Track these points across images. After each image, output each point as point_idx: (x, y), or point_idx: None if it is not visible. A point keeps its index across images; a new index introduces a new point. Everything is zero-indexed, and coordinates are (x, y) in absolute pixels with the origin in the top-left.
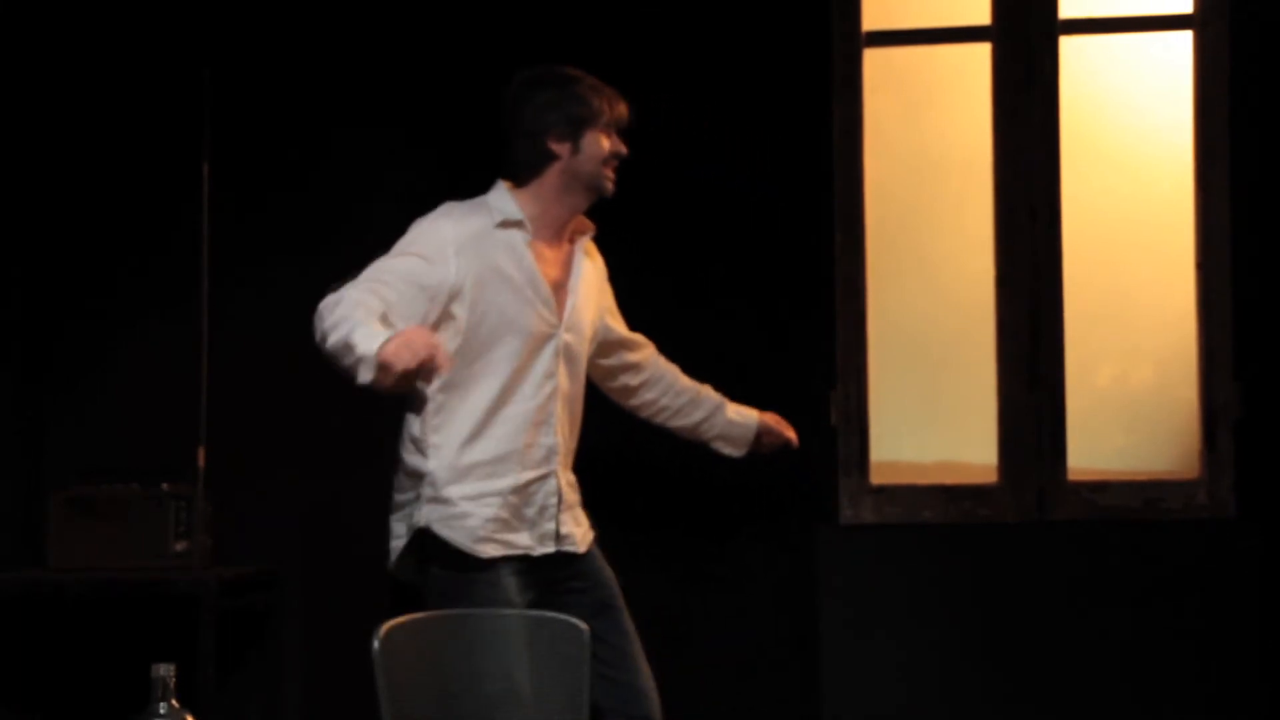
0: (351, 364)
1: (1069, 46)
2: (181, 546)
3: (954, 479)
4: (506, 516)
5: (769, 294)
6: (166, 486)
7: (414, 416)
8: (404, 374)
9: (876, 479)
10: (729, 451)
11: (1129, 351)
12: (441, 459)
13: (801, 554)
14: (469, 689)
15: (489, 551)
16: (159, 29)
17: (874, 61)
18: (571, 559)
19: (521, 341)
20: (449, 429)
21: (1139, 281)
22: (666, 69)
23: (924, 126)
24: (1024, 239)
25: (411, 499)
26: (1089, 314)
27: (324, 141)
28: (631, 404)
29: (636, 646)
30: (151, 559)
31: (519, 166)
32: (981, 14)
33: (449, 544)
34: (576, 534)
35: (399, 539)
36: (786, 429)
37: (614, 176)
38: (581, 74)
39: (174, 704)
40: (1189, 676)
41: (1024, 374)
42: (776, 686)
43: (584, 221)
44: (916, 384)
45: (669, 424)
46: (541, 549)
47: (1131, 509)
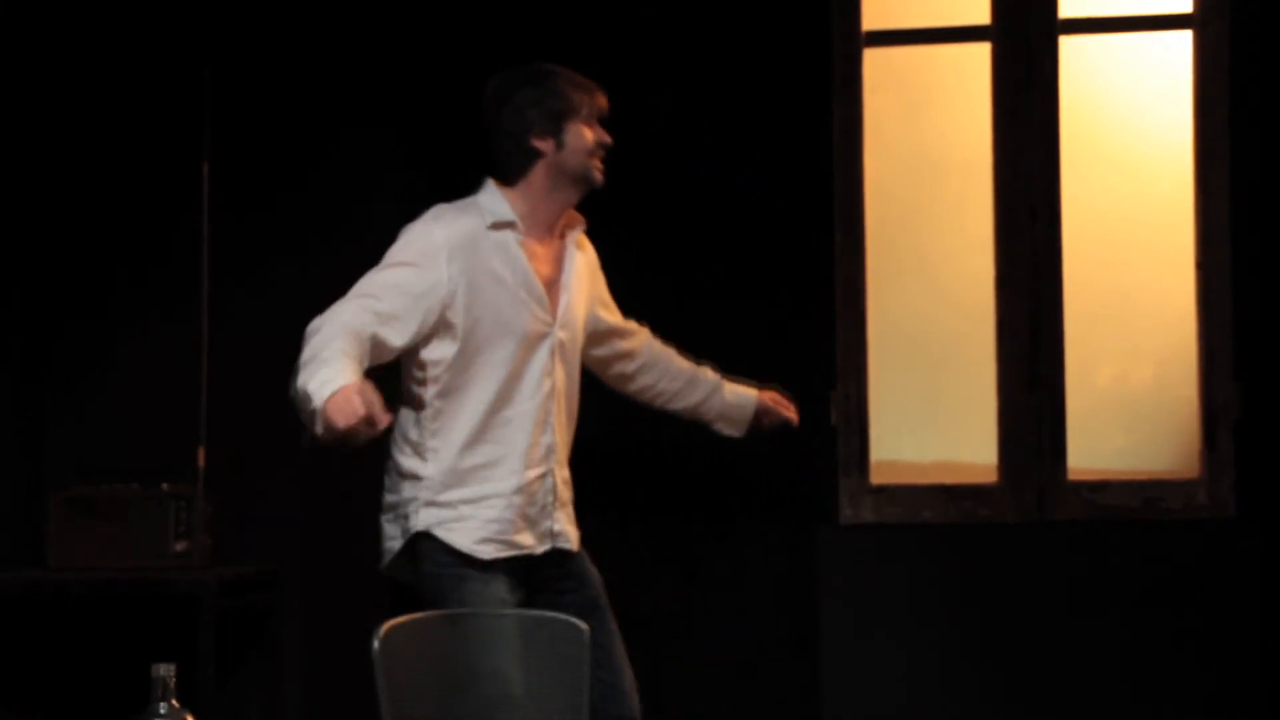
0: (308, 416)
1: (1069, 46)
2: (181, 546)
3: (954, 479)
4: (511, 517)
5: (769, 294)
6: (166, 486)
7: (410, 420)
8: (345, 432)
9: (876, 479)
10: (730, 432)
11: (1129, 351)
12: (440, 463)
13: (801, 554)
14: (469, 689)
15: (489, 553)
16: (159, 29)
17: (874, 61)
18: (563, 558)
19: (517, 343)
20: (447, 433)
21: (1139, 281)
22: (666, 69)
23: (924, 126)
24: (1024, 239)
25: (406, 501)
26: (1089, 314)
27: (324, 142)
28: (629, 389)
29: (620, 647)
30: (151, 559)
31: (505, 166)
32: (981, 14)
33: (447, 546)
34: (569, 531)
35: (393, 540)
36: (786, 408)
37: (602, 166)
38: (558, 68)
39: (174, 704)
40: (1189, 676)
41: (1024, 374)
42: (776, 686)
43: (574, 215)
44: (916, 384)
45: (667, 407)
46: (541, 547)
47: (1131, 509)
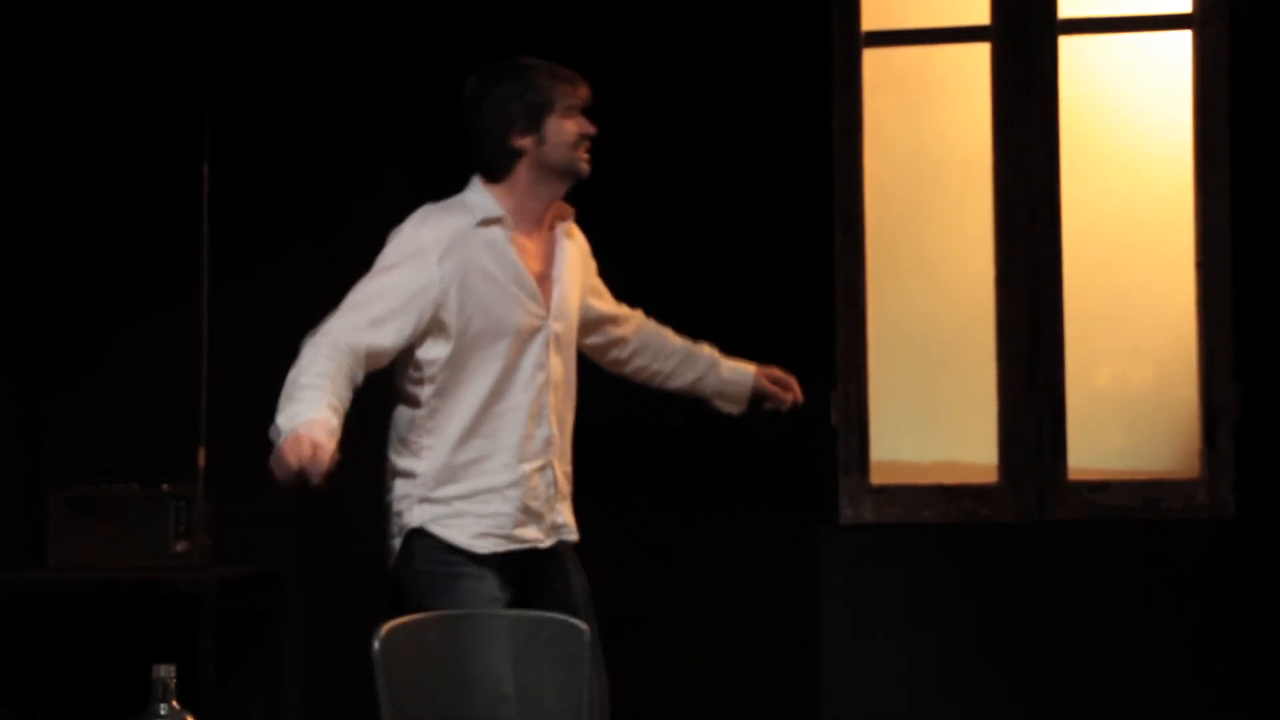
0: (275, 451)
1: (1068, 46)
2: (182, 547)
3: (954, 479)
4: (509, 511)
5: (769, 294)
6: (167, 487)
7: (404, 418)
8: (296, 472)
9: (876, 479)
10: (730, 409)
11: (1129, 351)
12: (433, 460)
13: (801, 554)
14: (469, 690)
15: (487, 548)
16: (159, 29)
17: (874, 62)
18: (555, 558)
19: (511, 339)
20: (441, 430)
21: (1139, 281)
22: (666, 69)
23: (924, 126)
24: (1024, 239)
25: (401, 498)
26: (1089, 314)
27: (324, 141)
28: (623, 372)
29: (599, 651)
30: (151, 559)
31: (490, 164)
32: (981, 14)
33: (443, 541)
34: (572, 523)
35: (393, 539)
36: (783, 391)
37: (588, 157)
38: (535, 61)
39: (174, 705)
40: (1189, 676)
41: (1024, 374)
42: (776, 686)
43: (563, 206)
44: (916, 384)
45: (665, 386)
46: (548, 540)
47: (1131, 509)
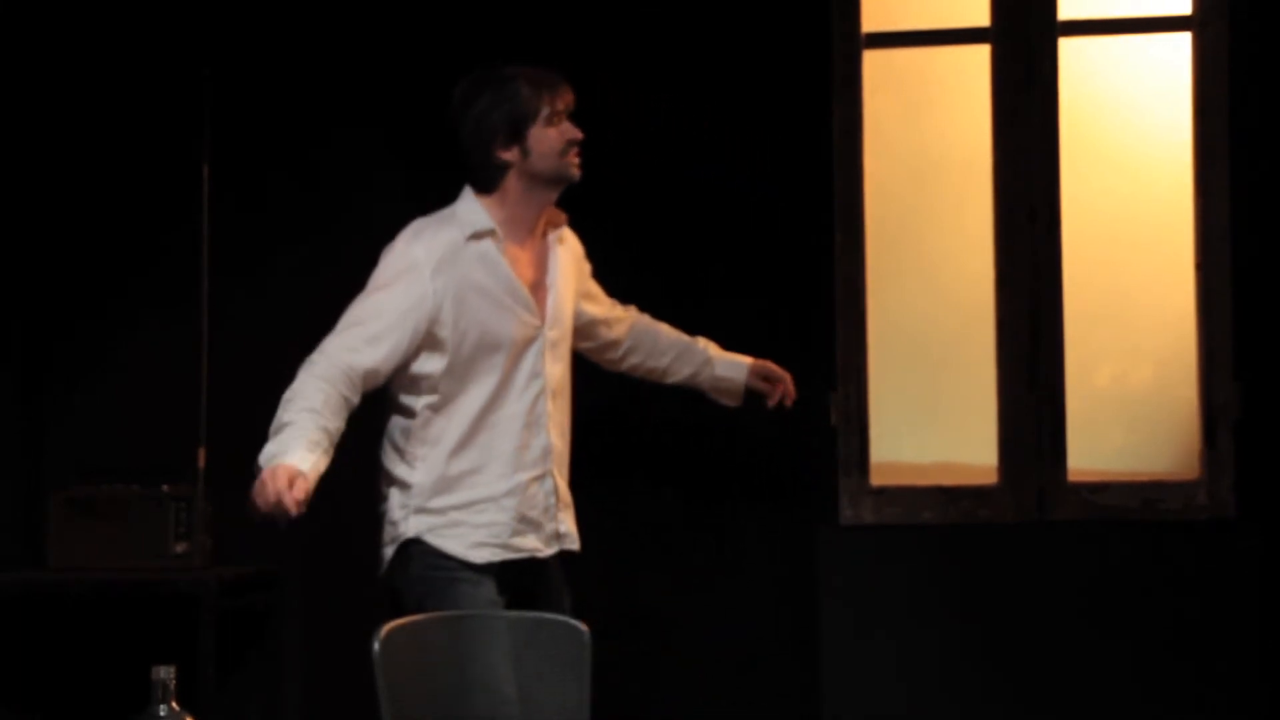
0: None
1: (1068, 47)
2: (182, 547)
3: (954, 479)
4: (506, 520)
5: (769, 294)
6: (167, 487)
7: (399, 426)
8: (265, 511)
9: (876, 480)
10: (728, 402)
11: (1129, 352)
12: (428, 470)
13: (802, 554)
14: (469, 691)
15: (484, 557)
16: (159, 29)
17: (874, 62)
18: (547, 571)
19: (506, 350)
20: (436, 440)
21: (1139, 282)
22: (666, 69)
23: (924, 127)
24: (1024, 239)
25: (396, 508)
26: (1089, 314)
27: (324, 141)
28: (619, 370)
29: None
30: (151, 559)
31: (478, 177)
32: (981, 16)
33: (439, 550)
34: (574, 533)
35: (386, 547)
36: (776, 384)
37: (578, 161)
38: (514, 70)
39: (174, 706)
40: (1189, 676)
41: (1024, 374)
42: (776, 686)
43: (556, 213)
44: (916, 384)
45: (661, 381)
46: (549, 550)
47: (1131, 509)
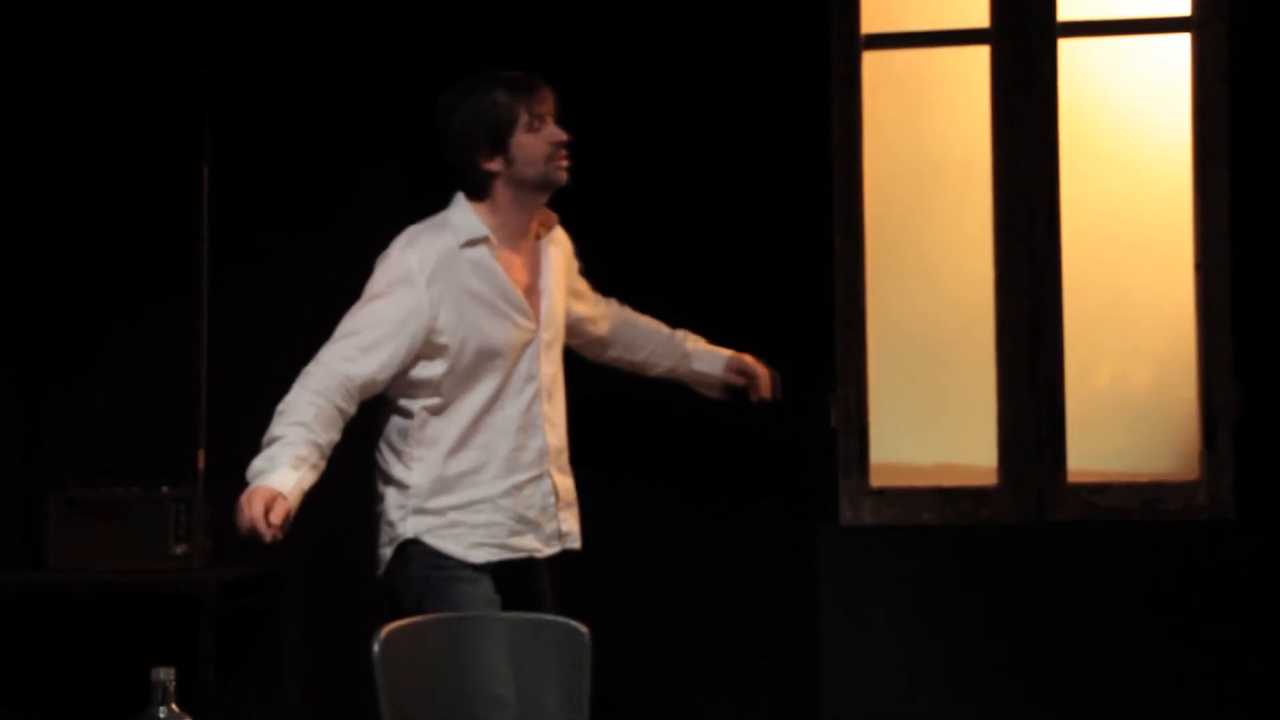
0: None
1: (1068, 48)
2: (181, 549)
3: (954, 480)
4: (503, 520)
5: (769, 295)
6: (166, 489)
7: (396, 428)
8: (246, 530)
9: (876, 481)
10: (711, 394)
11: (1128, 352)
12: (426, 471)
13: (802, 555)
14: (468, 692)
15: (482, 557)
16: (159, 29)
17: (873, 63)
18: (538, 573)
19: (503, 355)
20: (434, 441)
21: (1138, 282)
22: (666, 69)
23: (923, 128)
24: (1023, 240)
25: (393, 509)
26: (1088, 315)
27: (324, 141)
28: (600, 361)
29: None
30: (151, 561)
31: (468, 185)
32: (980, 17)
33: (438, 551)
34: (576, 531)
35: (384, 547)
36: (755, 379)
37: (565, 164)
38: (493, 77)
39: (174, 707)
40: (1189, 677)
41: (1023, 375)
42: (776, 686)
43: (547, 214)
44: (916, 385)
45: (642, 374)
46: (548, 549)
47: (1131, 510)
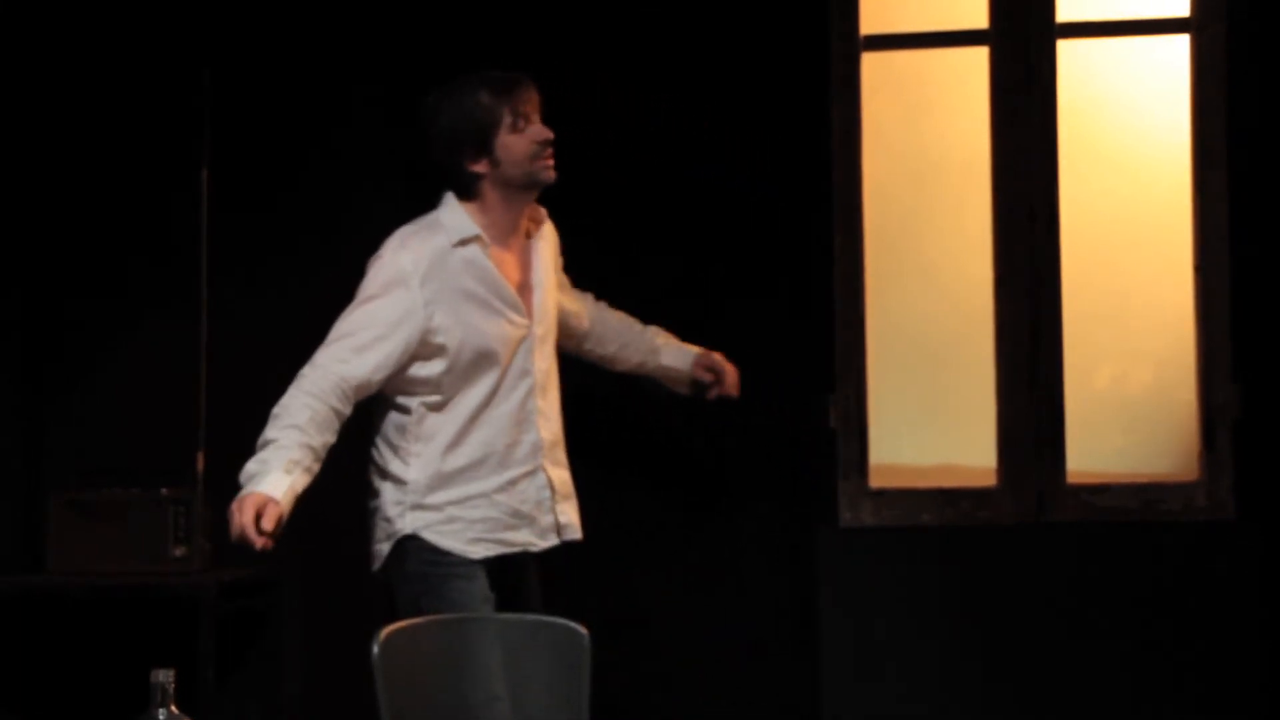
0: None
1: (1067, 49)
2: (180, 551)
3: (953, 481)
4: (498, 515)
5: (768, 295)
6: (166, 491)
7: (393, 423)
8: (237, 537)
9: (876, 482)
10: (680, 390)
11: (1128, 353)
12: (424, 467)
13: (801, 556)
14: (468, 693)
15: (480, 553)
16: (159, 29)
17: (873, 64)
18: (529, 566)
19: (501, 352)
20: (430, 437)
21: (1137, 283)
22: (666, 69)
23: (923, 129)
24: (1023, 241)
25: (391, 504)
26: (1088, 315)
27: (324, 142)
28: (571, 354)
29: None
30: (150, 563)
31: (455, 187)
32: (979, 18)
33: (436, 546)
34: (575, 522)
35: (380, 543)
36: (711, 378)
37: (550, 163)
38: (475, 79)
39: (173, 709)
40: (1189, 678)
41: (1023, 376)
42: (776, 687)
43: (536, 210)
44: (916, 386)
45: (611, 369)
46: (544, 543)
47: (1130, 511)
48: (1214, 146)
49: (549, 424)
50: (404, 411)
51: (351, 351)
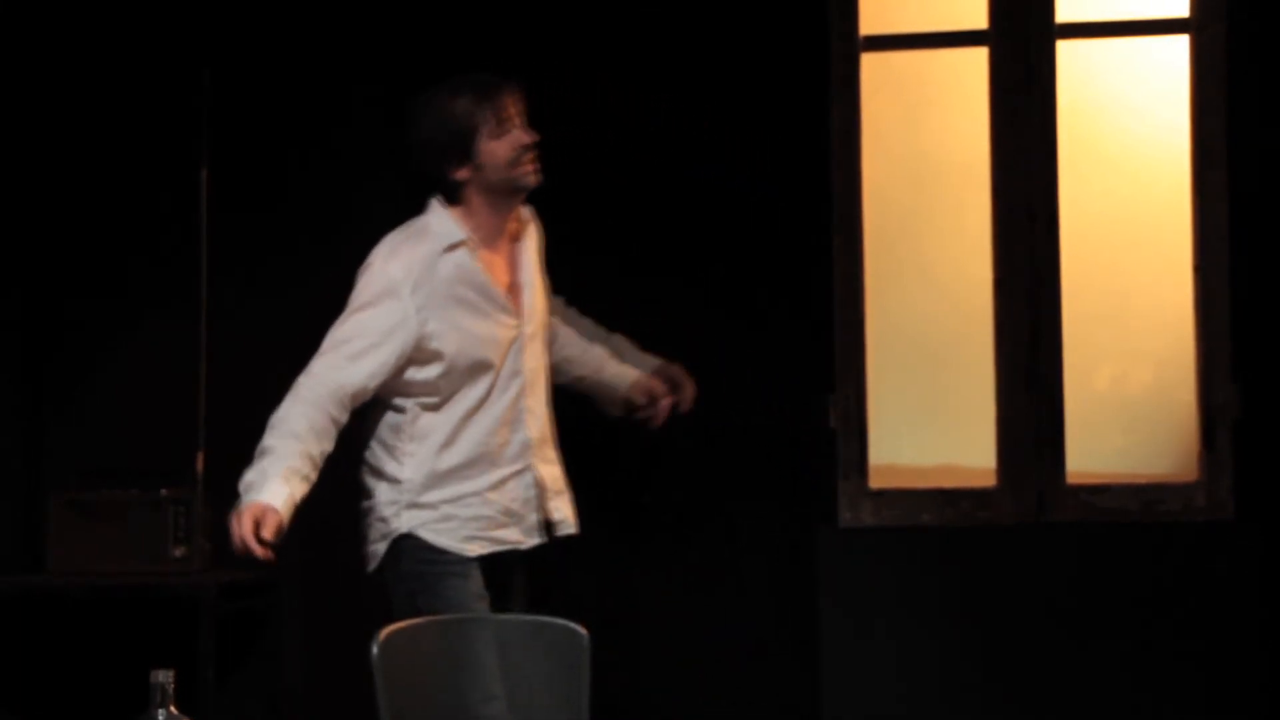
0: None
1: (1066, 50)
2: (180, 551)
3: (953, 482)
4: (491, 514)
5: (767, 296)
6: (165, 491)
7: (387, 424)
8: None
9: (875, 482)
10: (609, 411)
11: (1127, 353)
12: (418, 466)
13: (801, 557)
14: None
15: (476, 550)
16: (159, 29)
17: (872, 65)
18: (516, 565)
19: (494, 355)
20: (424, 436)
21: (1137, 283)
22: (666, 70)
23: (922, 129)
24: (1022, 241)
25: (386, 504)
26: (1087, 316)
27: (323, 142)
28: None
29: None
30: (150, 563)
31: (443, 192)
32: (979, 18)
33: (432, 545)
34: (569, 517)
35: (376, 543)
36: (659, 403)
37: (533, 167)
38: (456, 84)
39: (173, 710)
40: (1189, 678)
41: (1023, 376)
42: (776, 687)
43: (522, 212)
44: (915, 387)
45: (563, 372)
46: (531, 541)
47: (1130, 511)
48: (1214, 147)
49: (538, 422)
50: (398, 411)
51: (346, 359)
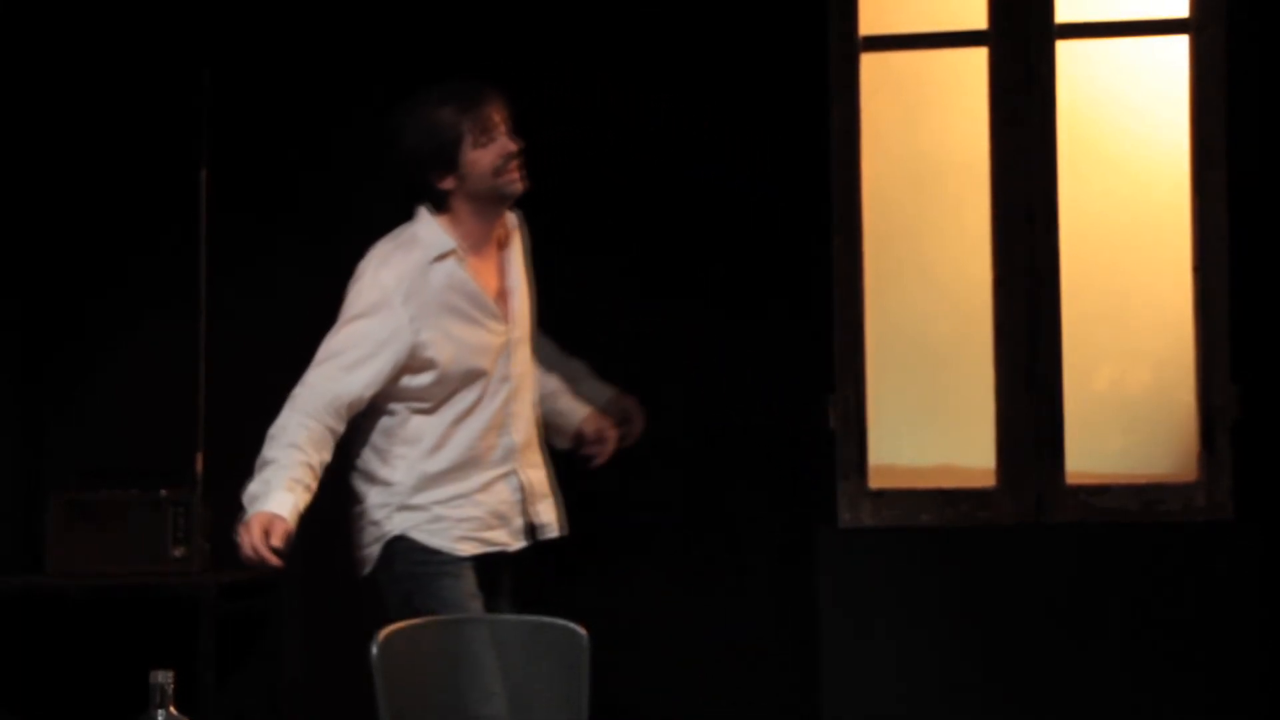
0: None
1: (1066, 50)
2: (180, 552)
3: (952, 482)
4: (480, 514)
5: (767, 296)
6: (165, 491)
7: (378, 427)
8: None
9: (875, 482)
10: (560, 443)
11: (1127, 354)
12: (409, 470)
13: (801, 557)
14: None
15: (469, 550)
16: (159, 29)
17: (871, 65)
18: (503, 568)
19: (485, 362)
20: (414, 440)
21: (1136, 284)
22: (666, 70)
23: (922, 130)
24: (1022, 242)
25: (378, 506)
26: (1087, 316)
27: (323, 142)
28: None
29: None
30: (150, 564)
31: (430, 201)
32: (978, 18)
33: (425, 546)
34: (553, 521)
35: (369, 547)
36: (601, 447)
37: (517, 175)
38: (437, 94)
39: (172, 710)
40: (1189, 678)
41: (1022, 377)
42: (776, 687)
43: (509, 217)
44: (915, 387)
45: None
46: (517, 544)
47: (1130, 511)
48: (1213, 146)
49: (523, 426)
50: (390, 415)
51: (341, 370)
